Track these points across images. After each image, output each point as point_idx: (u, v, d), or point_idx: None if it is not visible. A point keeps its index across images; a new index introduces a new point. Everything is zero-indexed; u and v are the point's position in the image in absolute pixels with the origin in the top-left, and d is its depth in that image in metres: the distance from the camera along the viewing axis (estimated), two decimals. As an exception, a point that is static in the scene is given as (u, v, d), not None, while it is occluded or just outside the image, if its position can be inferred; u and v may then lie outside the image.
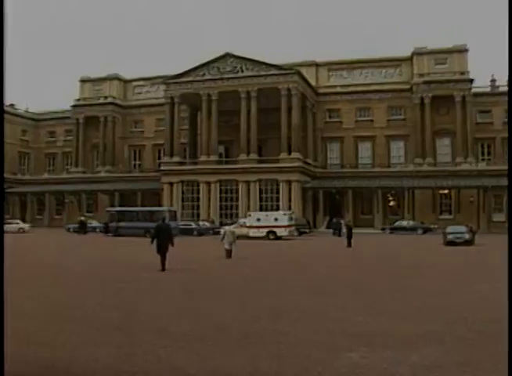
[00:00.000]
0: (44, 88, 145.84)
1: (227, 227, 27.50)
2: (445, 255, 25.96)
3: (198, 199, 57.23)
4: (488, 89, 60.38)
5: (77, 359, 6.76)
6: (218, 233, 44.52)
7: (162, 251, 17.65)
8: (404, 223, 51.24)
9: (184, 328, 8.59)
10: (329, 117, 64.07)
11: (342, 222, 46.72)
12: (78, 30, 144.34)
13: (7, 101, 73.42)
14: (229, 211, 55.95)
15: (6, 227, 52.29)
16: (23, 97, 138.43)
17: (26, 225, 54.58)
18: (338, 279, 16.06)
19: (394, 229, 49.99)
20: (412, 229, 49.29)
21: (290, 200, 54.00)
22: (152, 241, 18.20)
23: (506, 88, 55.73)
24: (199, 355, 6.95)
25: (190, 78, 58.89)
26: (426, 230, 49.07)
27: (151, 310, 10.51)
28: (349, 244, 30.67)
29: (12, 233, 48.71)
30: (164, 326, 8.83)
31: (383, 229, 51.82)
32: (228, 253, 22.51)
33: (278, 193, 54.76)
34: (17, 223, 55.08)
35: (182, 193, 58.13)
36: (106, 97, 71.51)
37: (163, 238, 17.78)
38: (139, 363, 6.56)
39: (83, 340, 7.77)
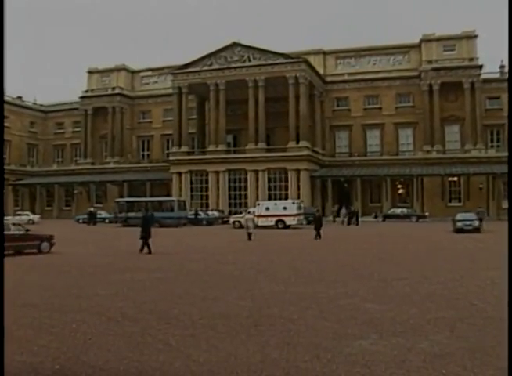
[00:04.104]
0: (51, 81, 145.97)
1: (247, 215, 31.27)
2: (454, 242, 25.86)
3: (207, 189, 57.30)
4: (498, 75, 59.71)
5: (88, 348, 6.80)
6: (226, 222, 44.89)
7: (145, 236, 20.56)
8: (397, 211, 51.45)
9: (194, 316, 8.62)
10: (337, 105, 63.77)
11: (342, 209, 47.17)
12: (86, 22, 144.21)
13: (14, 94, 73.91)
14: (238, 200, 55.98)
15: (16, 219, 52.83)
16: (30, 90, 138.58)
17: (35, 217, 54.89)
18: (347, 266, 16.04)
19: (387, 217, 50.11)
20: (406, 217, 49.44)
21: (298, 189, 53.92)
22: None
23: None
24: (209, 343, 6.98)
25: (197, 68, 58.70)
26: (419, 217, 49.21)
27: (160, 299, 10.56)
28: (318, 236, 27.92)
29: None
30: (174, 314, 8.86)
31: (375, 216, 51.91)
32: (249, 236, 27.82)
33: (286, 181, 54.69)
34: (27, 215, 55.42)
35: (191, 182, 58.20)
36: (113, 88, 71.49)
37: (146, 226, 20.90)
38: (150, 351, 6.60)
39: (94, 330, 7.82)
